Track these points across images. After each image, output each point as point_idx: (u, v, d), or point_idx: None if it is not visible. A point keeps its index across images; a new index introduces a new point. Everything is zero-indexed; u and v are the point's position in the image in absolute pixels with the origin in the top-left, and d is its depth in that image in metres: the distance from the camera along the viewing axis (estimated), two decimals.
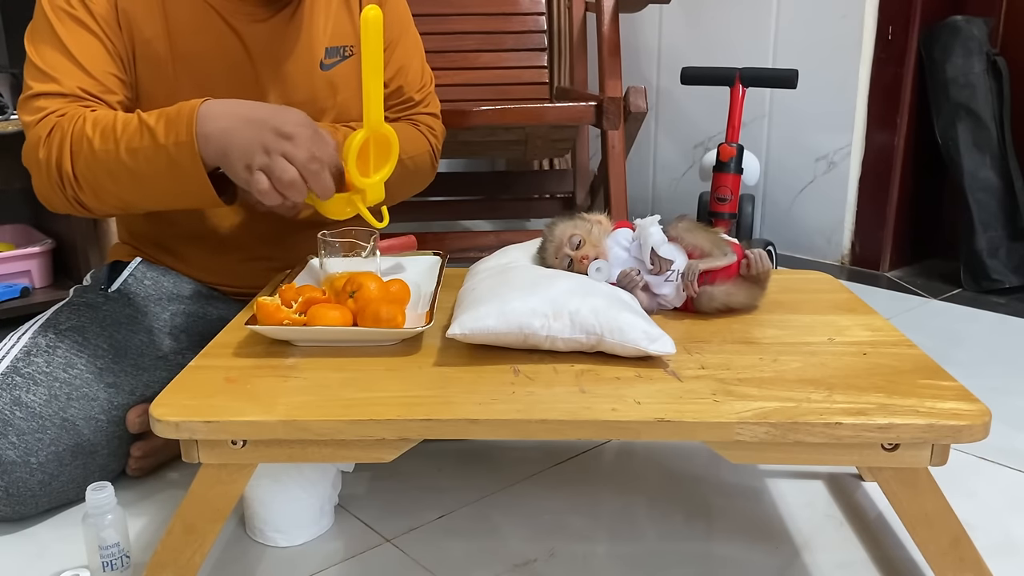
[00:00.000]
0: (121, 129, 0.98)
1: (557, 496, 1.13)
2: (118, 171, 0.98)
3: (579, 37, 2.22)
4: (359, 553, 1.01)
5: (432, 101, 1.34)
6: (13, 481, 1.02)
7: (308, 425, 0.78)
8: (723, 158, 1.83)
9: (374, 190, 0.99)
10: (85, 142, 0.98)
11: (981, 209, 2.05)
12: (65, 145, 0.99)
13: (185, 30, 1.11)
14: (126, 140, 0.97)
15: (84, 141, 0.98)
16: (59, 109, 1.02)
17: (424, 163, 1.29)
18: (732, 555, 1.01)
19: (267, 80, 1.16)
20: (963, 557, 0.82)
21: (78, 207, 1.04)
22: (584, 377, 0.86)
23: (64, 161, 0.99)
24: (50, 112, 1.01)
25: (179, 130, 0.95)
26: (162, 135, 0.95)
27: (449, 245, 1.94)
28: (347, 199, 0.98)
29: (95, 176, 0.99)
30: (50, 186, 1.02)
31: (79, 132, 0.99)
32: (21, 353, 1.08)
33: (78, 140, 0.99)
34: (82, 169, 0.99)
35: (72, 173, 1.00)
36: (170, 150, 0.95)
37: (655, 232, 1.03)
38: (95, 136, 0.98)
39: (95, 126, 0.99)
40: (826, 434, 0.77)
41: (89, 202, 1.03)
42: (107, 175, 0.99)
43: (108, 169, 0.98)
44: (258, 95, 1.15)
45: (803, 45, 2.23)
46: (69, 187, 1.01)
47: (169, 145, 0.95)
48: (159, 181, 0.98)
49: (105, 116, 1.00)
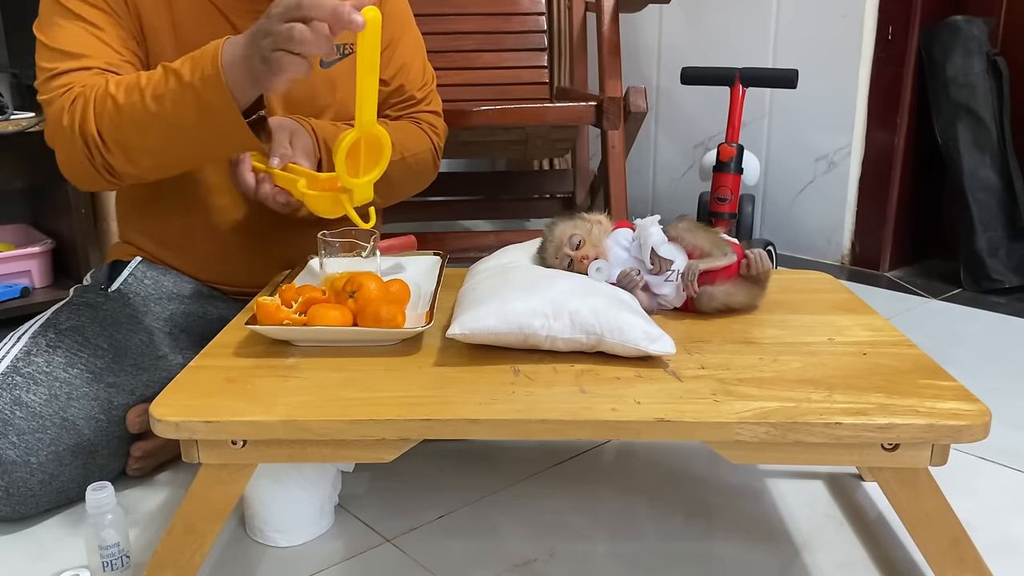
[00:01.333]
0: (145, 81, 0.97)
1: (557, 496, 1.13)
2: (145, 122, 0.97)
3: (579, 37, 2.22)
4: (359, 553, 1.01)
5: (434, 99, 1.35)
6: (13, 481, 1.02)
7: (308, 425, 0.78)
8: (723, 158, 1.83)
9: (362, 191, 0.98)
10: (109, 100, 0.98)
11: (981, 209, 2.05)
12: (89, 108, 0.99)
13: (188, 22, 1.12)
14: (151, 88, 0.96)
15: (108, 100, 0.98)
16: (83, 81, 1.02)
17: (426, 161, 1.30)
18: (732, 555, 1.01)
19: None
20: (963, 557, 0.82)
21: (107, 176, 1.02)
22: (584, 377, 0.86)
23: (88, 124, 0.99)
24: (74, 84, 1.02)
25: (204, 65, 0.93)
26: (187, 74, 0.94)
27: (449, 245, 1.94)
28: (334, 198, 0.98)
29: (122, 133, 0.98)
30: (77, 155, 1.01)
31: (102, 93, 0.98)
32: (21, 353, 1.08)
33: (101, 100, 0.98)
34: (108, 128, 0.98)
35: (98, 135, 0.99)
36: (197, 87, 0.93)
37: (655, 232, 1.03)
38: (119, 92, 0.97)
39: (118, 85, 0.98)
40: (826, 434, 0.77)
41: (119, 165, 1.01)
42: (134, 129, 0.98)
43: (135, 122, 0.97)
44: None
45: (803, 45, 2.23)
46: (96, 152, 1.00)
47: (196, 82, 0.93)
48: (189, 124, 0.96)
49: (127, 76, 1.00)
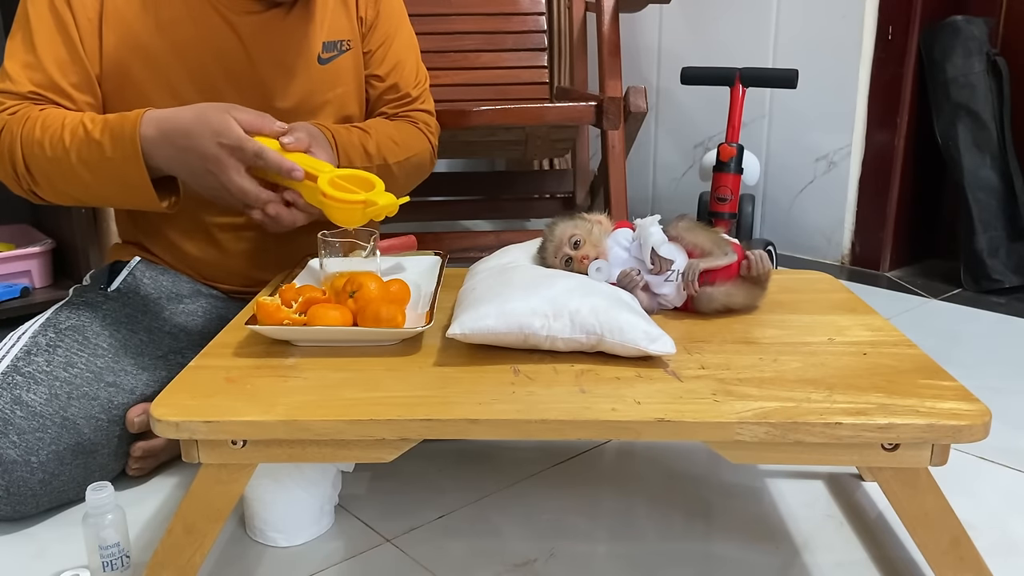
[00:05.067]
0: (70, 137, 1.03)
1: (557, 496, 1.13)
2: (70, 176, 1.05)
3: (579, 37, 2.22)
4: (359, 553, 1.01)
5: (427, 98, 1.36)
6: (14, 480, 1.02)
7: (308, 425, 0.78)
8: (723, 158, 1.83)
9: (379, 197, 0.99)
10: (36, 147, 1.04)
11: (981, 209, 2.05)
12: (16, 146, 1.05)
13: (177, 21, 1.13)
14: (75, 150, 1.03)
15: (35, 145, 1.04)
16: (12, 107, 1.07)
17: (424, 161, 1.33)
18: (732, 555, 1.01)
19: (264, 73, 1.18)
20: (963, 557, 0.82)
21: (35, 198, 1.11)
22: (584, 377, 0.86)
23: (17, 160, 1.06)
24: (3, 109, 1.07)
25: (124, 145, 1.00)
26: (109, 148, 1.01)
27: (449, 245, 1.94)
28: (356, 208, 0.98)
29: (49, 177, 1.06)
30: (5, 176, 1.09)
31: (28, 135, 1.04)
32: (21, 352, 1.08)
33: (28, 143, 1.04)
34: (36, 170, 1.06)
35: (26, 170, 1.06)
36: (117, 163, 1.01)
37: (655, 232, 1.03)
38: (45, 141, 1.03)
39: (44, 131, 1.04)
40: (826, 434, 0.77)
41: (45, 195, 1.10)
42: (60, 178, 1.06)
43: (61, 173, 1.05)
44: (256, 87, 1.17)
45: (803, 45, 2.23)
46: (24, 181, 1.08)
47: (116, 159, 1.01)
48: (111, 188, 1.05)
49: (55, 122, 1.04)
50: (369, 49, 1.28)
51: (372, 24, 1.27)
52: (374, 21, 1.28)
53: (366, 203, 0.98)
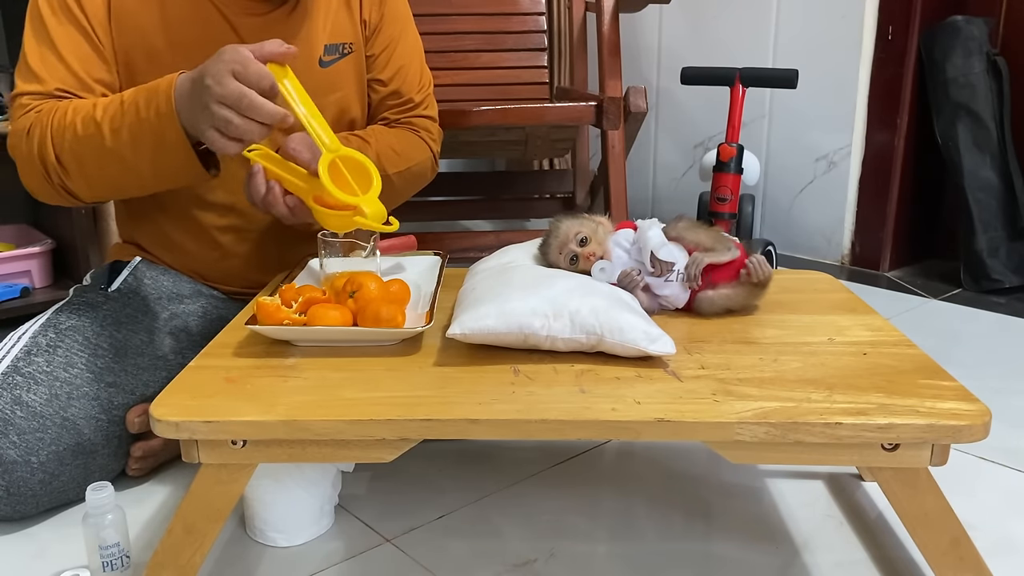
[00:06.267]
0: (102, 112, 1.00)
1: (557, 496, 1.13)
2: (103, 153, 1.00)
3: (579, 37, 2.22)
4: (359, 553, 1.01)
5: (431, 104, 1.35)
6: (14, 480, 1.02)
7: (308, 425, 0.78)
8: (723, 158, 1.83)
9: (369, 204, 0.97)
10: (68, 131, 1.01)
11: (981, 209, 2.05)
12: (46, 136, 1.02)
13: (181, 21, 1.13)
14: (108, 121, 0.99)
15: (65, 129, 1.01)
16: (38, 106, 1.05)
17: (425, 170, 1.32)
18: (732, 555, 1.01)
19: None
20: (963, 557, 0.82)
21: (67, 195, 1.06)
22: (584, 377, 0.86)
23: (47, 152, 1.02)
24: (30, 109, 1.05)
25: (159, 101, 0.96)
26: (143, 108, 0.97)
27: (449, 245, 1.94)
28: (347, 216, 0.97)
29: (80, 162, 1.02)
30: (36, 177, 1.05)
31: (59, 121, 1.01)
32: (22, 352, 1.08)
33: (59, 129, 1.01)
34: (67, 156, 1.02)
35: (57, 161, 1.02)
36: (152, 122, 0.96)
37: (654, 235, 1.03)
38: (76, 121, 1.00)
39: (76, 113, 1.01)
40: (826, 434, 0.77)
41: (78, 189, 1.05)
42: (93, 158, 1.01)
43: (93, 151, 1.00)
44: None
45: (803, 45, 2.23)
46: (55, 175, 1.04)
47: (151, 117, 0.96)
48: (145, 156, 0.99)
49: (84, 104, 1.02)
50: (372, 53, 1.27)
51: (376, 27, 1.26)
52: (378, 24, 1.26)
53: (356, 210, 0.96)
